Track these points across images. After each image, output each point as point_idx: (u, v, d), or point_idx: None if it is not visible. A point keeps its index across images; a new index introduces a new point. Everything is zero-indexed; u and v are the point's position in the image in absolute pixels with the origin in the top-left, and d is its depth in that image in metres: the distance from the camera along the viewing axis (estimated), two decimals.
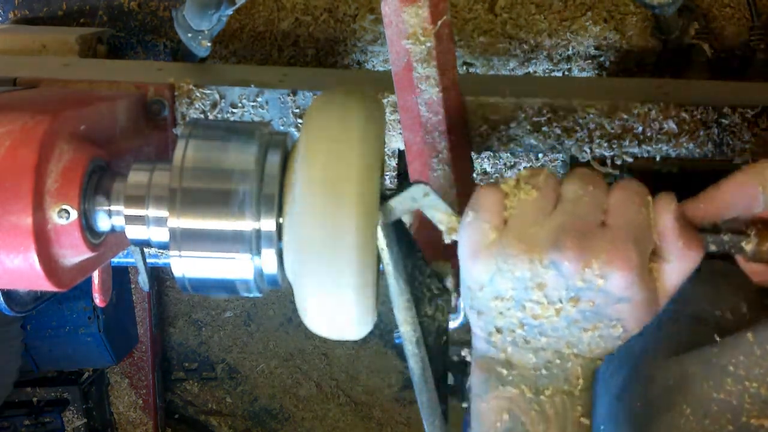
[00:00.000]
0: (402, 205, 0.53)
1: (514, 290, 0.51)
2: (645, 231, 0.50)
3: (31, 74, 0.81)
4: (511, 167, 1.12)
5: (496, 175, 1.18)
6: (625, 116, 0.81)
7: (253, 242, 0.51)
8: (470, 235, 0.51)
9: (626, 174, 1.00)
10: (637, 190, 0.51)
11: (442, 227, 0.54)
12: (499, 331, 0.53)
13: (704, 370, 0.58)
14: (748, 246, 0.54)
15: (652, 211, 0.51)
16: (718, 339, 0.58)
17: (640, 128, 0.81)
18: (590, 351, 0.53)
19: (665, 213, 0.51)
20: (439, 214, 0.54)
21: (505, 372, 0.54)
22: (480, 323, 0.54)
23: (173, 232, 0.51)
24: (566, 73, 1.15)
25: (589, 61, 1.14)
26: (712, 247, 0.54)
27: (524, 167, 1.18)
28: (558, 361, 0.53)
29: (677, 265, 0.52)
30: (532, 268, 0.49)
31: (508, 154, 1.17)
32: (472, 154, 1.00)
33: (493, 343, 0.54)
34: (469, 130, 0.81)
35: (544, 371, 0.53)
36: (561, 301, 0.50)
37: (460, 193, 0.77)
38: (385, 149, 0.85)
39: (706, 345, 0.60)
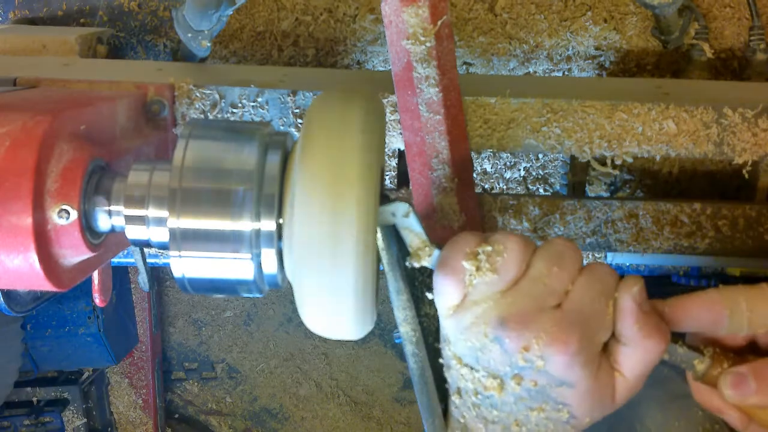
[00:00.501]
0: (381, 215, 0.53)
1: (469, 357, 0.52)
2: (596, 318, 0.50)
3: (31, 74, 0.81)
4: (511, 167, 1.12)
5: (496, 174, 1.18)
6: (625, 116, 0.81)
7: (253, 242, 0.51)
8: (438, 295, 0.53)
9: (627, 175, 1.00)
10: (601, 277, 0.51)
11: (410, 250, 0.54)
12: (458, 392, 0.55)
13: None
14: (700, 366, 0.55)
15: (616, 297, 0.51)
16: None
17: (640, 128, 0.81)
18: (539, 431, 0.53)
19: (625, 296, 0.50)
20: (412, 236, 0.54)
21: None
22: (448, 377, 0.56)
23: (173, 233, 0.51)
24: (566, 73, 1.15)
25: (589, 61, 1.14)
26: (665, 356, 0.54)
27: (524, 167, 1.18)
28: None
29: (636, 353, 0.51)
30: (481, 339, 0.50)
31: (508, 154, 1.17)
32: (472, 154, 1.00)
33: (456, 404, 0.55)
34: (469, 130, 0.81)
35: None
36: (506, 377, 0.51)
37: (460, 193, 0.77)
38: (385, 149, 0.85)
39: None
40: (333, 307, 0.49)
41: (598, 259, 1.05)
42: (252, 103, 0.83)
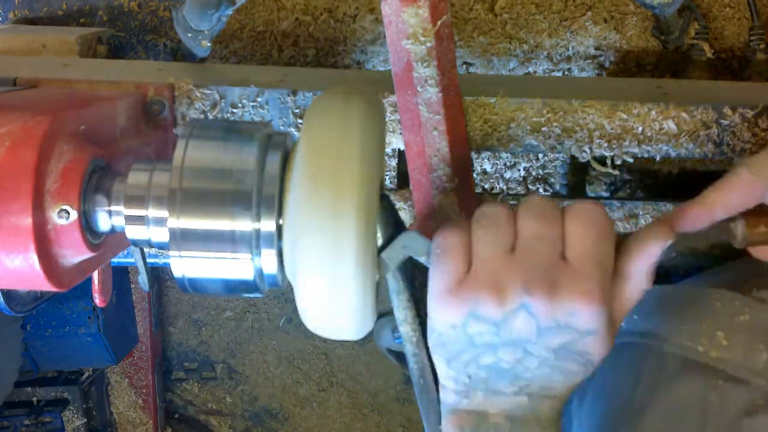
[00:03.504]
0: (395, 255, 0.53)
1: (487, 333, 0.50)
2: (605, 261, 0.50)
3: (31, 74, 0.81)
4: (511, 167, 1.12)
5: (496, 174, 1.18)
6: (625, 116, 0.81)
7: (253, 242, 0.51)
8: (438, 279, 0.51)
9: (627, 175, 1.00)
10: (590, 217, 0.50)
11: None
12: (470, 378, 0.53)
13: None
14: (738, 230, 0.54)
15: (610, 235, 0.51)
16: None
17: (640, 128, 0.81)
18: (558, 390, 0.53)
19: (634, 241, 0.51)
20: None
21: (477, 424, 0.53)
22: (451, 372, 0.54)
23: (173, 233, 0.51)
24: (566, 73, 1.15)
25: (589, 61, 1.14)
26: (695, 243, 0.54)
27: (524, 167, 1.18)
28: (530, 403, 0.53)
29: (636, 287, 0.52)
30: (504, 310, 0.49)
31: (508, 154, 1.17)
32: (472, 154, 1.00)
33: (465, 394, 0.54)
34: (469, 130, 0.81)
35: (518, 415, 0.53)
36: (532, 341, 0.50)
37: (460, 193, 0.77)
38: (385, 149, 0.85)
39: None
40: (333, 308, 0.49)
41: None
42: (252, 103, 0.83)
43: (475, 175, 1.06)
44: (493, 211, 0.51)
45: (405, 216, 0.87)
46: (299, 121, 0.83)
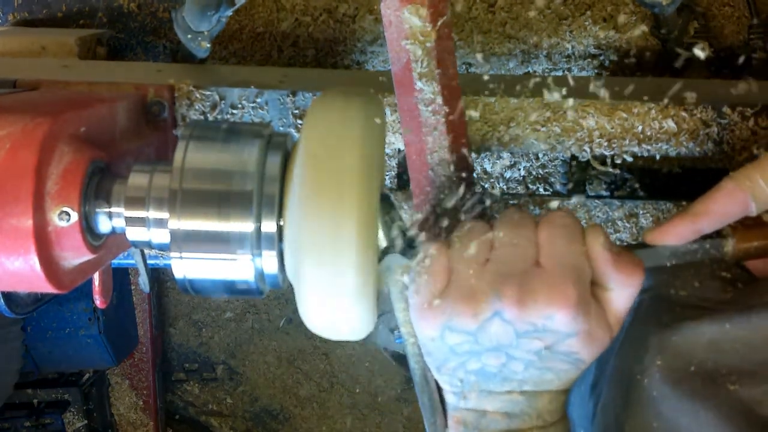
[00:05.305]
0: (380, 277, 0.54)
1: (466, 343, 0.51)
2: (578, 263, 0.50)
3: (30, 76, 0.81)
4: (511, 167, 1.12)
5: (496, 174, 1.18)
6: (625, 115, 0.81)
7: (253, 243, 0.51)
8: (416, 294, 0.52)
9: (627, 174, 1.00)
10: (562, 223, 0.51)
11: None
12: (462, 382, 0.54)
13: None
14: (728, 246, 0.55)
15: (584, 240, 0.51)
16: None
17: (640, 127, 0.81)
18: (554, 385, 0.53)
19: (595, 245, 0.51)
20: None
21: (477, 421, 0.55)
22: (443, 377, 0.55)
23: (174, 234, 0.51)
24: (566, 72, 1.15)
25: (589, 60, 1.14)
26: (687, 258, 0.54)
27: (524, 167, 1.18)
28: (526, 400, 0.54)
29: (620, 292, 0.52)
30: (477, 321, 0.49)
31: (508, 154, 1.17)
32: (472, 154, 1.00)
33: (461, 395, 0.55)
34: (469, 130, 0.81)
35: (515, 412, 0.54)
36: (512, 346, 0.50)
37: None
38: (385, 149, 0.85)
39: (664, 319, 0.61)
40: (333, 308, 0.49)
41: None
42: (252, 104, 0.83)
43: (475, 175, 1.06)
44: (470, 225, 0.53)
45: (405, 216, 0.87)
46: (299, 121, 0.83)
